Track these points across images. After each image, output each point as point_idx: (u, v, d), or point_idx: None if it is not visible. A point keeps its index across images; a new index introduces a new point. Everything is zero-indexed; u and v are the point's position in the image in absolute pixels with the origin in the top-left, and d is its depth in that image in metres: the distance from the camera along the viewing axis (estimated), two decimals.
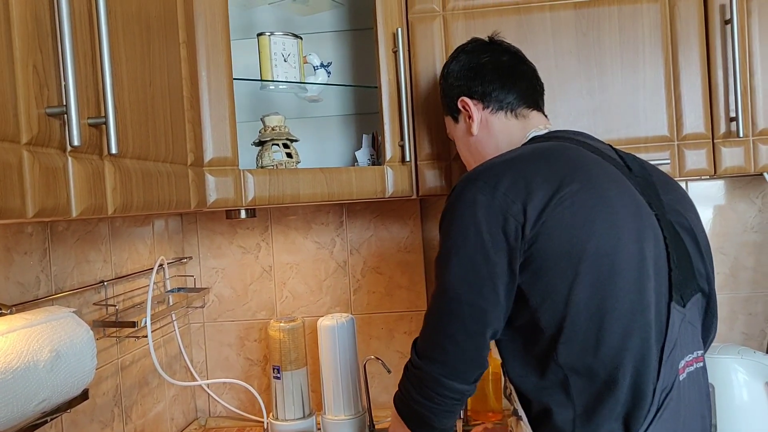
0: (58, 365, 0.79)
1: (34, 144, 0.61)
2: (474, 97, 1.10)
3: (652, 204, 0.95)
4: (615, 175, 0.94)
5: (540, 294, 0.88)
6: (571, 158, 0.93)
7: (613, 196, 0.90)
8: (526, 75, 1.12)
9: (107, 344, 1.28)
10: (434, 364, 0.92)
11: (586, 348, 0.86)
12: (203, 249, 1.70)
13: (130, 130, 0.81)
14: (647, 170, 1.01)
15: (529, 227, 0.86)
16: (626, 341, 0.86)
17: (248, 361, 1.71)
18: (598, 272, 0.86)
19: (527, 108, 1.10)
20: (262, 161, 1.31)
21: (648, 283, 0.88)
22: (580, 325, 0.86)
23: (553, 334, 0.88)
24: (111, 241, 1.32)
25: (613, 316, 0.86)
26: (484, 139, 1.10)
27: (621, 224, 0.88)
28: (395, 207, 1.65)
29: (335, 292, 1.68)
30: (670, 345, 0.88)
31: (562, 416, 0.88)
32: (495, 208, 0.87)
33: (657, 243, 0.91)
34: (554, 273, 0.87)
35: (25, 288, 1.04)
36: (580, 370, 0.87)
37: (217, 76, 1.10)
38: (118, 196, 0.76)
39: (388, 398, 1.68)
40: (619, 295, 0.86)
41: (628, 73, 1.29)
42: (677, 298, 0.90)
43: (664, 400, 0.86)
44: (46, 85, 0.62)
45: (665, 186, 1.01)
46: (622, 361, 0.86)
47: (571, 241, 0.86)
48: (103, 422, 1.25)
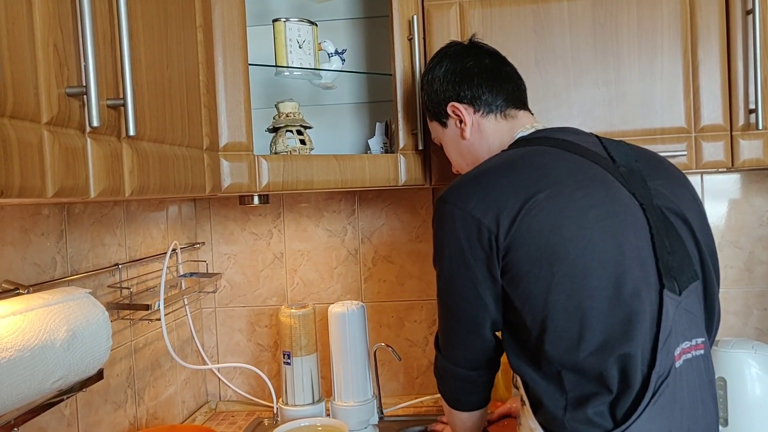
0: (75, 344, 0.80)
1: (54, 124, 0.62)
2: (464, 102, 1.11)
3: (636, 193, 0.95)
4: (589, 174, 0.95)
5: (520, 298, 0.92)
6: (539, 166, 0.96)
7: (581, 198, 0.92)
8: (510, 76, 1.13)
9: (121, 326, 1.29)
10: (444, 356, 1.07)
11: (570, 347, 0.89)
12: (216, 235, 1.71)
13: (148, 112, 0.81)
14: (633, 158, 1.01)
15: (502, 237, 0.91)
16: (608, 337, 0.88)
17: (259, 346, 1.72)
18: (572, 275, 0.88)
19: (515, 108, 1.12)
20: (276, 147, 1.31)
21: (626, 276, 0.89)
22: (561, 326, 0.89)
23: (538, 335, 0.91)
24: (126, 224, 1.33)
25: (593, 315, 0.88)
26: (476, 143, 1.12)
27: (591, 224, 0.90)
28: (407, 196, 1.65)
29: (346, 280, 1.68)
30: (665, 332, 0.89)
31: (554, 404, 0.91)
32: (468, 223, 0.93)
33: (638, 234, 0.92)
34: (530, 279, 0.90)
35: (42, 269, 1.06)
36: (569, 367, 0.90)
37: (233, 61, 1.10)
38: (135, 178, 0.76)
39: (398, 385, 1.70)
40: (595, 294, 0.88)
41: (645, 64, 1.27)
42: (671, 286, 0.90)
43: (660, 386, 0.87)
44: (66, 64, 0.63)
45: (654, 171, 1.01)
46: (607, 357, 0.88)
47: (543, 248, 0.89)
48: (116, 403, 1.27)
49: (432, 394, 1.65)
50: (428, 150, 1.33)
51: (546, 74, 1.29)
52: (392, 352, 1.45)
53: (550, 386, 0.92)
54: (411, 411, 1.59)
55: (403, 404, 1.61)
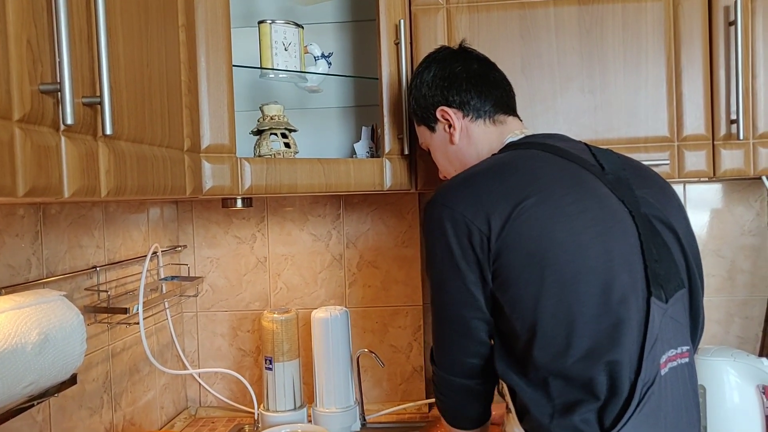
0: (47, 348, 0.78)
1: (27, 121, 0.60)
2: (452, 106, 1.11)
3: (625, 200, 0.95)
4: (577, 179, 0.95)
5: (510, 304, 0.92)
6: (529, 171, 0.96)
7: (570, 204, 0.92)
8: (498, 82, 1.13)
9: (98, 330, 1.27)
10: (441, 367, 1.04)
11: (559, 353, 0.88)
12: (198, 238, 1.69)
13: (126, 111, 0.80)
14: (620, 166, 1.01)
15: (493, 239, 0.90)
16: (597, 343, 0.88)
17: (240, 351, 1.70)
18: (561, 280, 0.88)
19: (504, 114, 1.12)
20: (260, 150, 1.29)
21: (614, 283, 0.89)
22: (550, 331, 0.89)
23: (527, 340, 0.90)
24: (105, 226, 1.31)
25: (582, 320, 0.88)
26: (465, 148, 1.11)
27: (580, 230, 0.90)
28: (393, 201, 1.64)
29: (330, 285, 1.67)
30: (651, 340, 0.88)
31: (540, 412, 0.90)
32: (459, 222, 0.93)
33: (627, 240, 0.92)
34: (519, 284, 0.90)
35: (16, 271, 1.03)
36: (557, 374, 0.89)
37: (216, 62, 1.08)
38: (111, 178, 0.75)
39: (381, 392, 1.69)
40: (584, 299, 0.88)
41: (630, 72, 1.28)
42: (658, 293, 0.90)
43: (646, 393, 0.87)
44: (40, 60, 0.61)
45: (641, 180, 1.01)
46: (595, 363, 0.87)
47: (533, 253, 0.89)
48: (91, 409, 1.24)
49: (415, 400, 1.64)
50: (414, 155, 1.32)
51: (532, 80, 1.29)
52: (375, 358, 1.44)
53: (536, 393, 0.91)
54: (394, 418, 1.58)
55: (386, 411, 1.60)
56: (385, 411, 1.60)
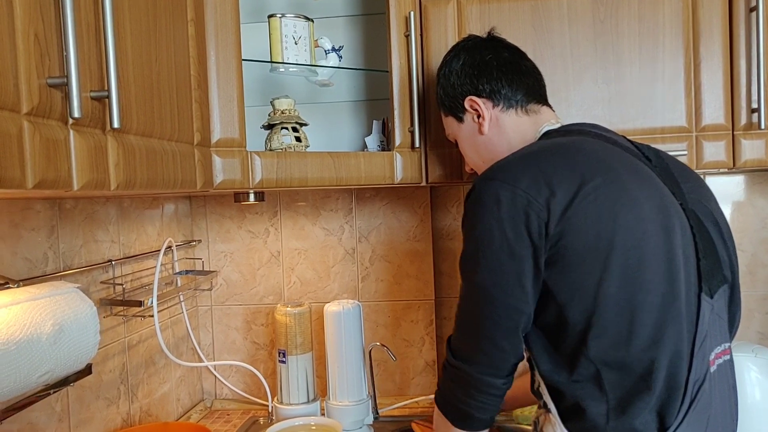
0: (61, 339, 0.79)
1: (35, 114, 0.61)
2: (482, 96, 1.07)
3: (675, 193, 0.93)
4: (636, 166, 0.92)
5: (568, 290, 0.87)
6: (592, 152, 0.91)
7: (636, 188, 0.88)
8: (530, 70, 1.10)
9: (114, 323, 1.29)
10: (473, 365, 0.93)
11: (618, 342, 0.85)
12: (212, 233, 1.70)
13: (135, 105, 0.80)
14: (664, 159, 1.00)
15: (553, 224, 0.85)
16: (660, 333, 0.85)
17: (255, 345, 1.71)
18: (625, 266, 0.85)
19: (537, 103, 1.08)
20: (271, 145, 1.30)
21: (678, 273, 0.86)
22: (610, 319, 0.85)
23: (582, 330, 0.86)
24: (119, 221, 1.32)
25: (645, 309, 0.85)
26: (495, 138, 1.07)
27: (646, 216, 0.87)
28: (405, 195, 1.64)
29: (343, 279, 1.67)
30: (701, 337, 0.86)
31: (595, 410, 0.86)
32: (517, 205, 0.86)
33: (684, 232, 0.89)
34: (582, 269, 0.85)
35: (33, 264, 1.05)
36: (613, 365, 0.85)
37: (226, 57, 1.09)
38: (121, 171, 0.75)
39: (394, 386, 1.69)
40: (650, 287, 0.85)
41: (646, 62, 1.26)
42: (706, 289, 0.88)
43: (698, 392, 0.85)
44: (47, 54, 0.62)
45: (683, 174, 0.99)
46: (657, 354, 0.84)
47: (598, 236, 0.85)
48: (108, 399, 1.26)
49: (428, 394, 1.64)
50: (425, 148, 1.31)
51: (545, 71, 1.26)
52: (387, 352, 1.44)
53: (587, 389, 0.86)
54: (406, 411, 1.58)
55: (398, 404, 1.60)
56: (398, 404, 1.60)
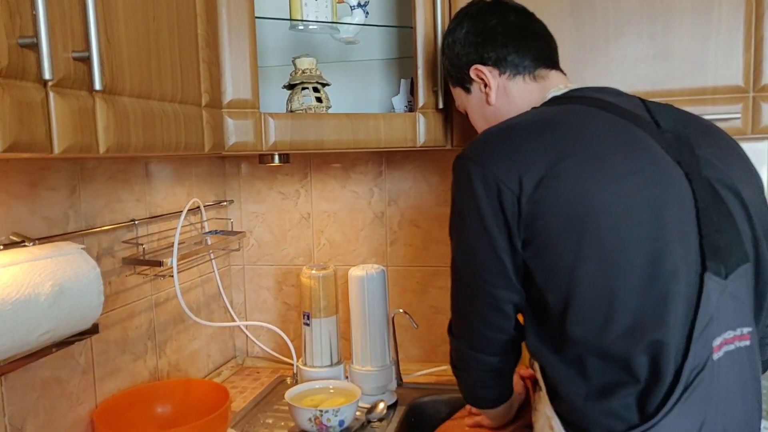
0: (61, 299, 0.81)
1: (5, 76, 0.60)
2: (488, 64, 1.03)
3: (682, 162, 0.85)
4: (629, 137, 0.86)
5: (543, 272, 0.84)
6: (574, 126, 0.86)
7: (619, 163, 0.82)
8: (538, 33, 1.04)
9: (139, 281, 1.31)
10: (461, 339, 0.98)
11: (597, 328, 0.81)
12: (244, 193, 1.70)
13: (128, 66, 0.79)
14: (681, 124, 0.91)
15: (525, 200, 0.82)
16: (640, 319, 0.79)
17: (285, 305, 1.73)
18: (601, 248, 0.80)
19: (545, 68, 1.03)
20: (292, 105, 1.27)
21: (666, 253, 0.80)
22: (588, 304, 0.81)
23: (561, 313, 0.83)
24: (145, 181, 1.34)
25: (624, 293, 0.80)
26: (504, 107, 1.03)
27: (629, 192, 0.81)
28: (436, 158, 1.59)
29: (371, 243, 1.65)
30: (704, 320, 0.79)
31: (574, 391, 0.83)
32: (489, 184, 0.85)
33: (682, 207, 0.82)
34: (555, 251, 0.82)
35: (52, 223, 1.07)
36: (594, 351, 0.82)
37: (238, 14, 1.06)
38: (111, 135, 0.74)
39: (420, 352, 1.67)
40: (628, 269, 0.79)
41: (699, 13, 1.14)
42: (715, 268, 0.81)
43: (694, 379, 0.79)
44: (18, 13, 0.61)
45: (706, 139, 0.90)
46: (637, 342, 0.79)
47: (571, 218, 0.81)
48: (135, 354, 1.30)
49: None
50: (450, 109, 1.25)
51: (582, 26, 1.18)
52: (409, 320, 1.42)
53: (570, 372, 0.84)
54: (432, 379, 1.57)
55: (423, 371, 1.59)
56: (423, 371, 1.58)
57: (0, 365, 0.83)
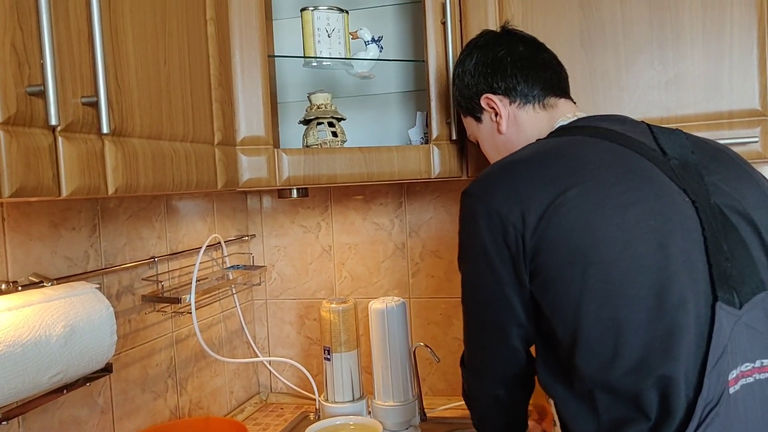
0: (73, 340, 0.81)
1: (13, 123, 0.61)
2: (498, 93, 1.03)
3: (688, 190, 0.83)
4: (632, 165, 0.84)
5: (550, 306, 0.83)
6: (574, 158, 0.86)
7: (621, 193, 0.81)
8: (547, 63, 1.04)
9: (160, 318, 1.32)
10: (471, 369, 0.99)
11: (604, 363, 0.78)
12: (266, 227, 1.72)
13: (138, 109, 0.80)
14: (688, 149, 0.89)
15: (528, 235, 0.82)
16: (647, 354, 0.77)
17: (308, 339, 1.72)
18: (606, 281, 0.78)
19: (554, 96, 1.02)
20: (308, 140, 1.28)
21: (671, 284, 0.77)
22: (594, 339, 0.79)
23: (569, 347, 0.81)
24: (166, 218, 1.36)
25: (630, 328, 0.77)
26: (514, 136, 1.03)
27: (631, 224, 0.79)
28: (456, 188, 1.58)
29: (393, 275, 1.64)
30: (717, 352, 0.76)
31: (584, 428, 0.81)
32: (493, 217, 0.85)
33: (688, 236, 0.79)
34: (559, 285, 0.81)
35: (73, 262, 1.09)
36: (603, 386, 0.79)
37: (251, 54, 1.08)
38: (120, 176, 0.76)
39: (445, 385, 1.64)
40: (633, 303, 0.77)
41: (711, 39, 1.12)
42: (727, 297, 0.78)
43: (707, 415, 0.75)
44: (27, 63, 0.62)
45: (716, 164, 0.88)
46: (645, 377, 0.77)
47: (574, 251, 0.79)
48: (155, 392, 1.30)
49: None
50: (464, 140, 1.25)
51: (593, 55, 1.17)
52: (431, 353, 1.40)
53: (581, 407, 0.82)
54: (457, 413, 1.53)
55: (448, 405, 1.55)
56: (448, 406, 1.55)
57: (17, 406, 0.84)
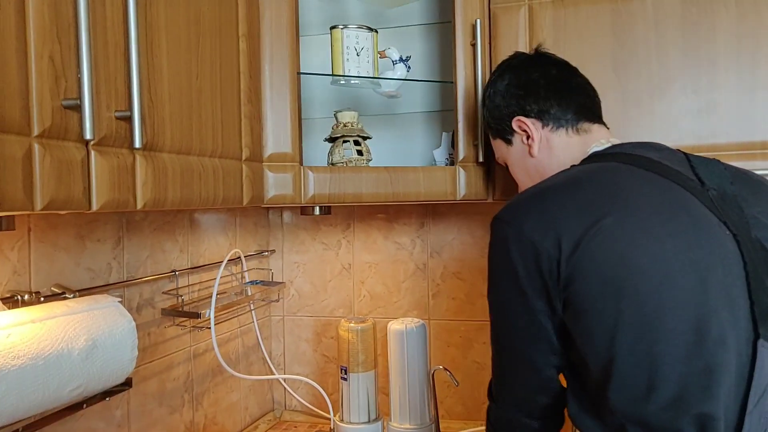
0: (94, 354, 0.81)
1: (47, 136, 0.61)
2: (531, 116, 1.01)
3: (728, 222, 0.80)
4: (669, 196, 0.82)
5: (582, 337, 0.80)
6: (610, 185, 0.83)
7: (658, 225, 0.78)
8: (581, 87, 1.02)
9: (179, 332, 1.32)
10: (501, 403, 0.94)
11: (638, 397, 0.76)
12: (287, 243, 1.71)
13: (169, 123, 0.80)
14: (727, 180, 0.86)
15: (563, 263, 0.79)
16: (685, 390, 0.74)
17: (324, 357, 1.70)
18: (641, 313, 0.75)
19: (588, 122, 1.00)
20: (333, 158, 1.28)
21: (711, 320, 0.74)
22: (628, 372, 0.76)
23: (601, 379, 0.78)
24: (190, 232, 1.36)
25: (666, 362, 0.74)
26: (546, 160, 1.01)
27: (668, 257, 0.76)
28: (482, 210, 1.56)
29: (413, 296, 1.62)
30: (758, 391, 0.74)
31: None
32: (525, 244, 0.82)
33: (729, 270, 0.77)
34: (594, 315, 0.78)
35: (96, 274, 1.09)
36: (636, 422, 0.76)
37: (280, 71, 1.08)
38: (149, 191, 0.75)
39: (463, 409, 1.61)
40: (671, 338, 0.74)
41: (745, 69, 1.10)
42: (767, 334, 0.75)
43: None
44: (63, 76, 0.63)
45: (754, 196, 0.85)
46: (682, 414, 0.74)
47: (608, 281, 0.77)
48: (171, 407, 1.29)
49: None
50: (491, 162, 1.23)
51: (626, 81, 1.15)
52: (450, 377, 1.37)
53: None
54: None
55: (467, 430, 1.52)
56: (466, 430, 1.52)
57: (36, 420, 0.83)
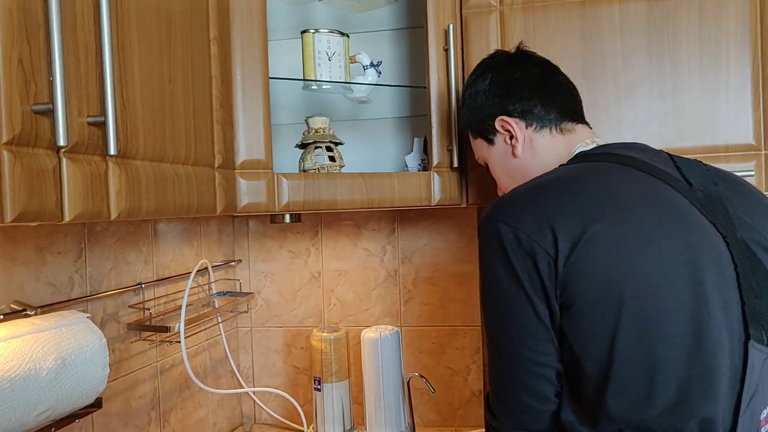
0: (63, 374, 0.76)
1: (17, 143, 0.57)
2: (514, 116, 1.00)
3: (717, 224, 0.81)
4: (660, 197, 0.82)
5: (580, 340, 0.78)
6: (603, 186, 0.82)
7: (653, 226, 0.78)
8: (563, 86, 1.01)
9: (144, 347, 1.26)
10: (505, 419, 0.86)
11: (639, 401, 0.75)
12: (253, 252, 1.67)
13: (142, 130, 0.77)
14: (711, 180, 0.87)
15: (561, 263, 0.77)
16: (686, 393, 0.74)
17: (294, 368, 1.66)
18: (642, 316, 0.74)
19: (571, 121, 0.99)
20: (305, 164, 1.25)
21: (709, 322, 0.75)
22: (627, 376, 0.75)
23: (599, 385, 0.77)
24: (153, 242, 1.31)
25: (666, 365, 0.74)
26: (529, 161, 0.99)
27: (665, 258, 0.76)
28: (452, 214, 1.56)
29: (385, 303, 1.60)
30: (749, 392, 0.74)
31: None
32: (522, 241, 0.79)
33: (721, 272, 0.77)
34: (593, 319, 0.76)
35: (57, 289, 1.03)
36: (635, 426, 0.75)
37: (252, 76, 1.05)
38: (123, 200, 0.72)
39: (437, 416, 1.60)
40: (671, 340, 0.74)
41: (707, 73, 1.14)
42: (757, 336, 0.76)
43: None
44: (33, 81, 0.59)
45: (737, 197, 0.86)
46: (687, 418, 0.73)
47: (607, 284, 0.75)
48: (138, 426, 1.24)
49: (473, 427, 1.54)
50: (465, 167, 1.23)
51: (594, 85, 1.17)
52: (426, 384, 1.36)
53: None
54: None
55: None
56: None
57: None
